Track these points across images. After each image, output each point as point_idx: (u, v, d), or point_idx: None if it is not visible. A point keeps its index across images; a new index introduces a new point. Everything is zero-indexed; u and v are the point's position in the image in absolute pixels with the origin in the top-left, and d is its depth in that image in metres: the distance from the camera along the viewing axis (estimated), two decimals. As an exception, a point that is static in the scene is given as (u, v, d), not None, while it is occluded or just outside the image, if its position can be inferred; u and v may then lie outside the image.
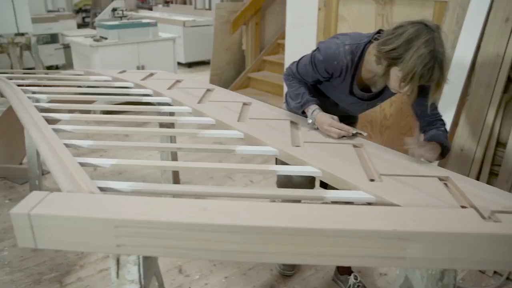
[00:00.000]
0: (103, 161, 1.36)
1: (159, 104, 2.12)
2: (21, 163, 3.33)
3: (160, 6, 10.31)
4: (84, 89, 2.47)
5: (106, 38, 4.52)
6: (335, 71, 1.68)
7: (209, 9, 8.70)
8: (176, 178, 2.79)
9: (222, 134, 1.65)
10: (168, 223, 0.96)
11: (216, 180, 3.23)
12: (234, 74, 5.28)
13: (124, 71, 2.69)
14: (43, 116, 1.80)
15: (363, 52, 1.64)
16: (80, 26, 8.99)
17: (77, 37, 5.00)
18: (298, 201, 1.49)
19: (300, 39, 3.87)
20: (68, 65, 7.63)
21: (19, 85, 2.44)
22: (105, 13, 4.99)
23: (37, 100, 2.23)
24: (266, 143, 1.53)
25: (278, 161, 1.95)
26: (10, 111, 3.05)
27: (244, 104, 1.99)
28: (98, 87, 2.50)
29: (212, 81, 5.10)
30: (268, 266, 2.34)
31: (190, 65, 7.36)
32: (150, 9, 10.11)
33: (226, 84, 5.04)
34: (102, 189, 1.18)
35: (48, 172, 3.37)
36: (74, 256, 2.41)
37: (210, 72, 5.19)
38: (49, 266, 2.34)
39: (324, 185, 2.10)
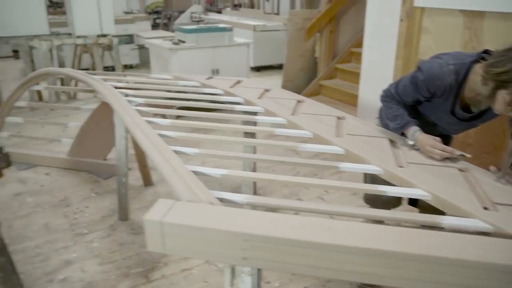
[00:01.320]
0: (214, 171, 1.42)
1: (252, 113, 2.17)
2: (105, 159, 3.51)
3: (228, 9, 10.51)
4: (174, 94, 2.57)
5: (184, 42, 4.67)
6: (438, 91, 1.67)
7: (278, 13, 8.77)
8: (253, 185, 2.84)
9: (322, 149, 1.67)
10: (296, 241, 0.99)
11: (290, 188, 3.26)
12: (305, 81, 5.29)
13: (211, 77, 2.78)
14: (146, 121, 1.90)
15: (467, 71, 1.61)
16: (151, 27, 9.28)
17: (156, 40, 5.20)
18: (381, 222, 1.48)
19: (379, 50, 3.83)
20: (142, 64, 7.96)
21: (116, 87, 2.58)
22: (184, 17, 5.17)
23: (132, 103, 2.36)
24: (369, 161, 1.53)
25: (368, 179, 1.95)
26: (99, 109, 3.23)
27: (338, 118, 2.00)
28: (187, 92, 2.60)
29: (284, 87, 5.14)
30: (347, 280, 2.34)
31: (259, 69, 7.45)
32: (219, 12, 10.31)
33: (297, 91, 5.05)
34: (219, 200, 1.24)
35: (130, 169, 3.53)
36: (158, 253, 2.52)
37: (283, 78, 5.24)
38: (135, 261, 2.46)
39: (413, 203, 2.08)
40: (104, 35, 5.58)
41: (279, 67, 7.64)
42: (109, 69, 6.45)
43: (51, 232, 2.74)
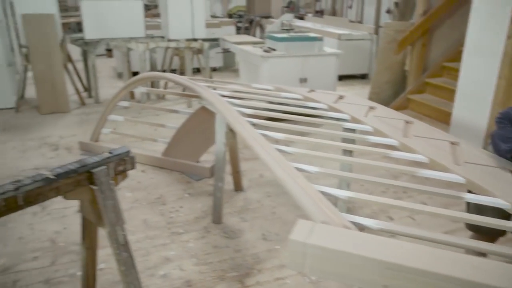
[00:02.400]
0: (341, 192, 1.45)
1: (360, 132, 2.17)
2: (197, 161, 3.65)
3: (310, 15, 10.52)
4: (277, 106, 2.62)
5: (275, 50, 4.75)
6: None
7: (361, 22, 8.66)
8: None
9: (440, 177, 1.64)
10: (441, 276, 1.00)
11: (380, 205, 3.22)
12: (392, 94, 5.19)
13: (312, 91, 2.81)
14: (260, 134, 1.96)
15: None
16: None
17: (246, 46, 5.32)
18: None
19: (479, 68, 3.68)
20: (225, 67, 8.18)
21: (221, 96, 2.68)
22: (275, 25, 5.25)
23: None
24: (494, 194, 1.49)
25: (472, 208, 1.89)
26: (197, 114, 3.37)
27: (452, 143, 1.96)
28: (290, 105, 2.65)
29: (370, 99, 5.07)
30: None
31: (341, 78, 7.40)
32: (301, 18, 10.35)
33: (384, 103, 4.94)
34: (352, 223, 1.26)
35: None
36: (252, 260, 2.59)
37: (370, 90, 5.18)
38: (230, 265, 2.54)
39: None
40: (195, 39, 5.80)
41: (362, 76, 7.55)
42: (194, 70, 6.69)
43: (150, 229, 2.90)
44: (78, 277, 2.44)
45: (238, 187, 3.38)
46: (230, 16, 11.68)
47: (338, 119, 2.32)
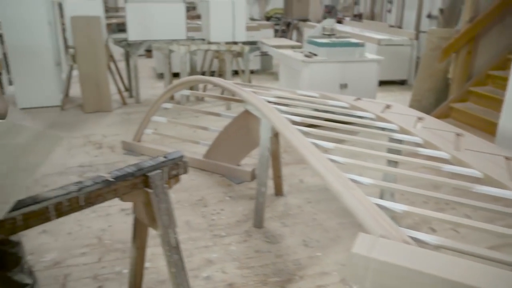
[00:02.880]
0: (397, 206, 1.45)
1: (410, 143, 2.16)
2: (238, 165, 3.69)
3: (347, 19, 10.45)
4: (323, 114, 2.63)
5: (316, 55, 4.75)
6: None
7: (400, 27, 8.54)
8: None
9: (498, 193, 1.62)
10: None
11: (421, 216, 3.18)
12: (433, 102, 5.11)
13: (359, 99, 2.81)
14: (312, 143, 1.97)
15: None
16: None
17: (287, 50, 5.34)
18: None
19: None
20: (262, 70, 8.22)
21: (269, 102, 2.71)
22: (316, 30, 5.25)
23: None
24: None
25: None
26: (241, 117, 3.40)
27: (507, 158, 1.93)
28: (336, 113, 2.66)
29: (411, 106, 5.01)
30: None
31: (379, 83, 7.32)
32: (339, 22, 10.29)
33: (424, 111, 4.88)
34: (411, 238, 1.26)
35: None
36: (293, 266, 2.60)
37: (411, 97, 5.12)
38: (272, 270, 2.57)
39: None
40: (235, 43, 5.86)
41: (401, 82, 7.45)
42: (232, 73, 6.74)
43: (193, 230, 2.95)
44: (124, 275, 2.52)
45: (278, 192, 3.40)
46: (267, 18, 11.72)
47: (386, 129, 2.31)
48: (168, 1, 5.84)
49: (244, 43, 5.86)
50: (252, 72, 7.93)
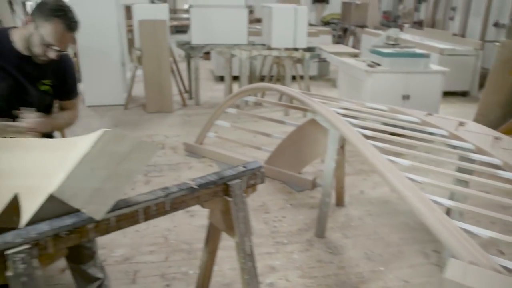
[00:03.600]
0: (482, 231, 1.43)
1: (486, 164, 2.11)
2: (300, 173, 3.72)
3: (407, 26, 10.23)
4: (393, 128, 2.61)
5: (379, 65, 4.70)
6: None
7: (463, 36, 8.28)
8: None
9: None
10: None
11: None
12: (500, 116, 4.91)
13: (430, 114, 2.76)
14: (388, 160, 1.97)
15: None
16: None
17: (348, 59, 5.32)
18: None
19: None
20: (319, 76, 8.20)
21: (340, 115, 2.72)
22: (380, 39, 5.20)
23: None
24: None
25: None
26: (306, 126, 3.43)
27: None
28: (406, 128, 2.63)
29: (476, 120, 4.85)
30: None
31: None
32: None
33: (490, 126, 4.70)
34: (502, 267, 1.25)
35: (320, 185, 3.69)
36: (356, 278, 2.60)
37: (477, 111, 4.95)
38: (334, 281, 2.57)
39: None
40: (296, 49, 5.88)
41: (462, 94, 7.23)
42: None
43: (255, 236, 3.00)
44: (190, 275, 2.61)
45: (340, 202, 3.40)
46: (324, 23, 11.67)
47: (460, 148, 2.27)
48: (231, 6, 5.95)
49: (305, 49, 5.87)
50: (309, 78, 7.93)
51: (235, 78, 6.45)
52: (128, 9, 7.26)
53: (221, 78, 7.76)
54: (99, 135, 1.35)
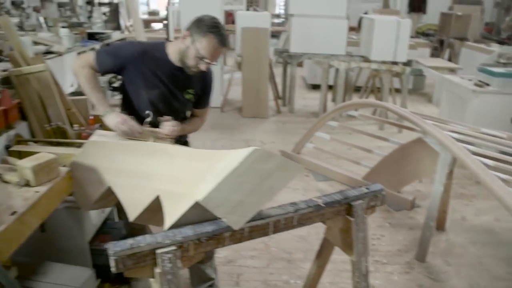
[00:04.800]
0: None
1: None
2: (399, 192, 3.66)
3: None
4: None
5: (488, 84, 4.49)
6: None
7: None
8: None
9: None
10: None
11: None
12: None
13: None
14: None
15: None
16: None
17: (454, 76, 5.13)
18: None
19: None
20: (413, 90, 7.96)
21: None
22: (490, 58, 4.97)
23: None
24: None
25: None
26: (412, 145, 3.37)
27: None
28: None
29: None
30: None
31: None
32: (502, 42, 9.50)
33: None
34: None
35: (419, 207, 3.62)
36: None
37: None
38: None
39: None
40: (395, 62, 5.77)
41: None
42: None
43: (354, 252, 3.01)
44: (291, 284, 2.68)
45: (440, 227, 3.31)
46: (419, 35, 11.28)
47: None
48: (332, 16, 5.97)
49: (405, 63, 5.75)
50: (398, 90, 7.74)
51: (329, 87, 6.46)
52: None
53: (313, 86, 7.81)
54: (249, 152, 1.45)
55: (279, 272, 2.81)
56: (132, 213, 1.88)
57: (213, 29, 1.94)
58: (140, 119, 2.06)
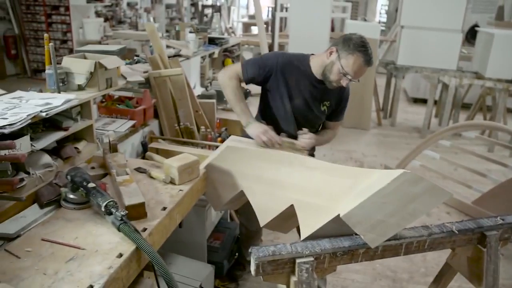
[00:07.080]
0: None
1: None
2: None
3: None
4: None
5: None
6: None
7: None
8: None
9: None
10: None
11: None
12: None
13: None
14: None
15: None
16: None
17: None
18: None
19: None
20: None
21: None
22: None
23: None
24: None
25: None
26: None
27: None
28: None
29: None
30: None
31: None
32: None
33: None
34: None
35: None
36: None
37: None
38: None
39: None
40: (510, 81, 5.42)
41: None
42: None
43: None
44: (397, 304, 2.65)
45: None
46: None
47: None
48: (446, 29, 5.74)
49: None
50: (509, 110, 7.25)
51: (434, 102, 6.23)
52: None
53: (414, 100, 7.57)
54: (398, 174, 1.48)
55: (383, 290, 2.79)
56: (264, 219, 1.98)
57: (361, 48, 1.99)
58: (278, 128, 2.16)
